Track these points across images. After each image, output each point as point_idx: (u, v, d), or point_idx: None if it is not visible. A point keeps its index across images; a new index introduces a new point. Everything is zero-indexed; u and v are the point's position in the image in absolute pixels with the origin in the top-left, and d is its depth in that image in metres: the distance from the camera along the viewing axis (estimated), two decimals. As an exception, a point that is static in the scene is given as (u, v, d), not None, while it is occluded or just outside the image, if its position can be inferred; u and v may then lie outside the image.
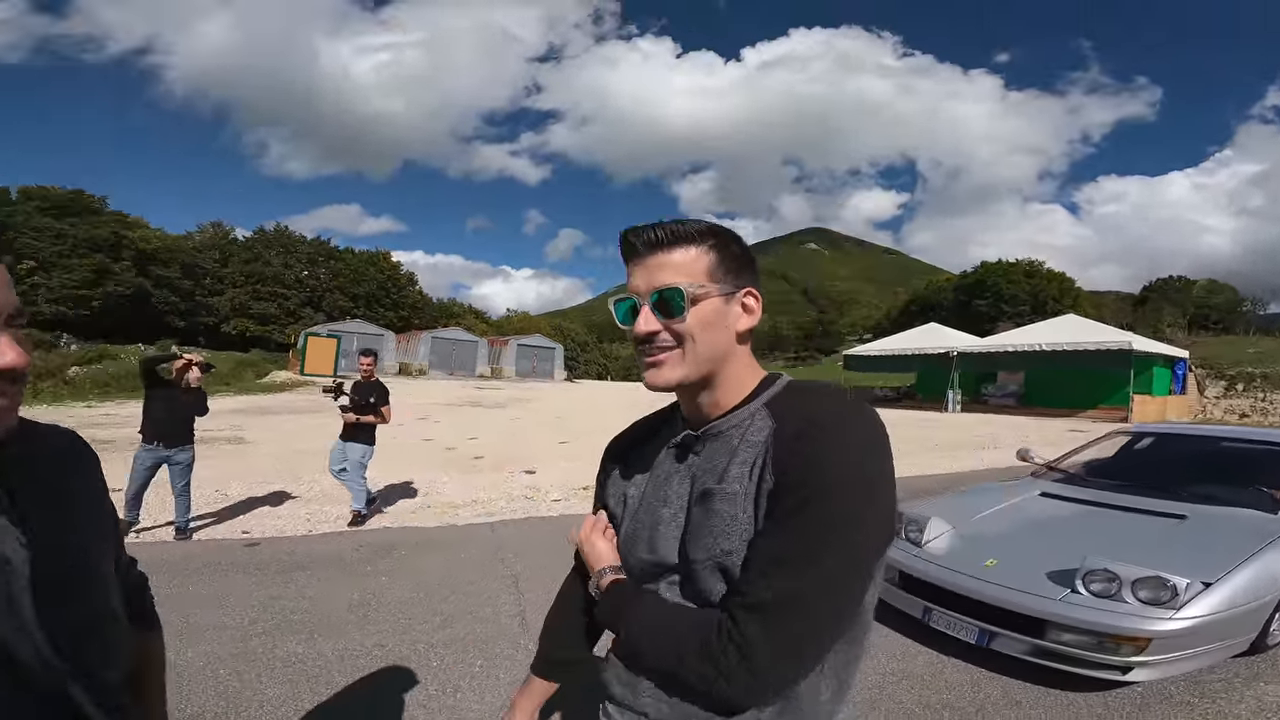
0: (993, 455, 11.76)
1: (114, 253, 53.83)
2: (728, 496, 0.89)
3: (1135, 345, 20.79)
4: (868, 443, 0.86)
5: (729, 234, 0.97)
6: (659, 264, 0.94)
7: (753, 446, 0.90)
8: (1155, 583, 2.81)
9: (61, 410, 16.66)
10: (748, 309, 0.98)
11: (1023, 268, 73.77)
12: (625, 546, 1.04)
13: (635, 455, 1.11)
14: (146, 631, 1.06)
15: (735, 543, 0.87)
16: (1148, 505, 3.80)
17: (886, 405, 28.03)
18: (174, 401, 5.62)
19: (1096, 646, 2.80)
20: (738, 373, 0.98)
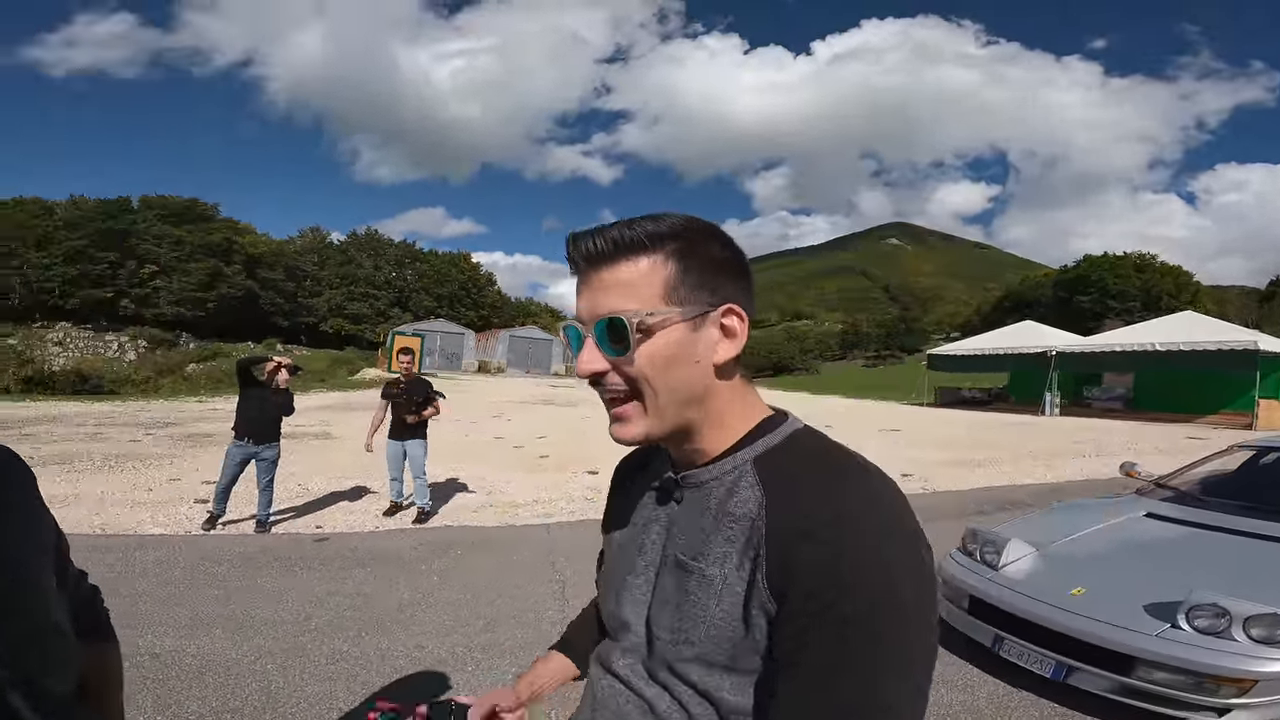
0: (1094, 464, 10.83)
1: (226, 257, 58.05)
2: (704, 581, 0.73)
3: (1262, 345, 18.75)
4: (900, 541, 0.66)
5: (701, 232, 0.75)
6: (602, 283, 0.73)
7: (737, 522, 0.72)
8: (1272, 620, 2.46)
9: (175, 404, 18.04)
10: (729, 332, 0.75)
11: (1132, 261, 68.54)
12: (602, 590, 0.95)
13: (633, 484, 0.96)
14: (99, 644, 1.04)
15: (701, 634, 0.72)
16: (1271, 530, 3.30)
17: (975, 407, 26.55)
18: (265, 401, 5.91)
19: (1193, 687, 2.48)
20: (719, 413, 0.78)
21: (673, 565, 0.79)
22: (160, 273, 54.85)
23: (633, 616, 0.83)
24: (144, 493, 7.13)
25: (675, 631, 0.75)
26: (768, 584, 0.67)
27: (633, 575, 0.85)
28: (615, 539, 0.94)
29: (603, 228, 0.73)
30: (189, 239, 55.99)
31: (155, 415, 14.93)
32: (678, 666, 0.75)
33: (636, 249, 0.72)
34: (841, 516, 0.65)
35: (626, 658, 0.84)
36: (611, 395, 0.76)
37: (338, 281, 65.65)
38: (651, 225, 0.72)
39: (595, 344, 0.74)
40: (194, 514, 6.31)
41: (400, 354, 6.75)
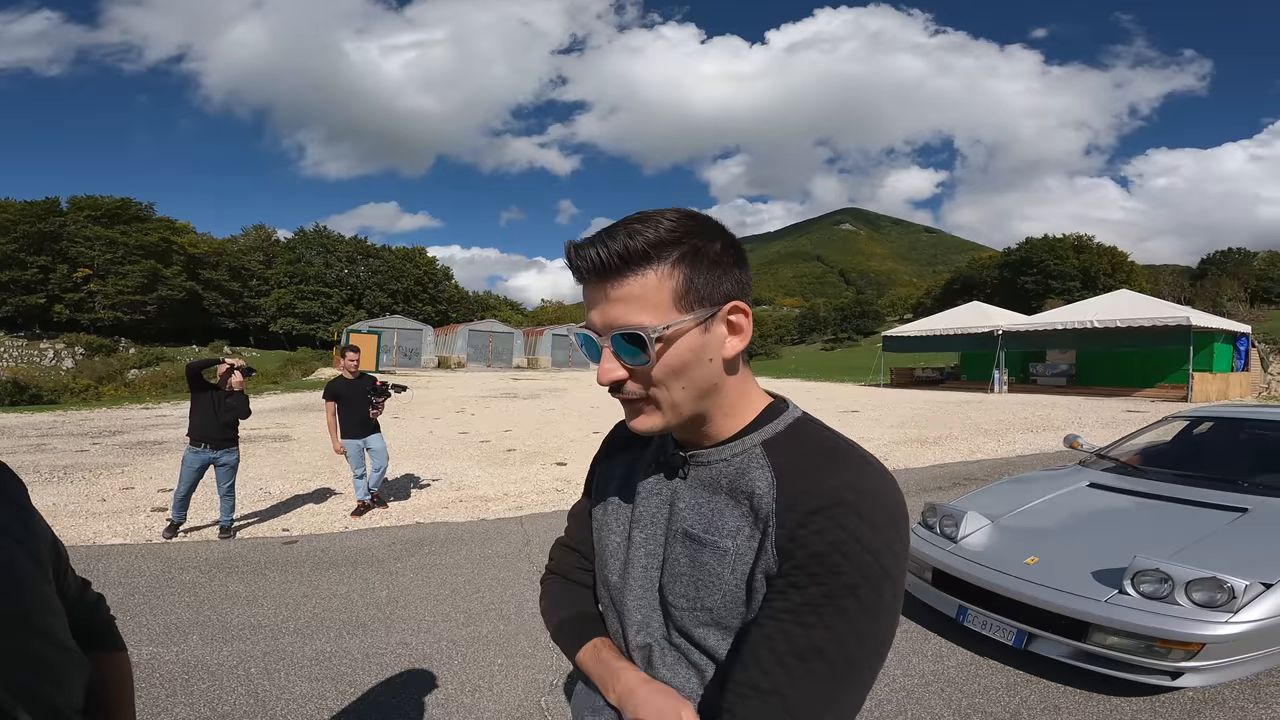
0: (1041, 438, 11.33)
1: (164, 258, 55.89)
2: (718, 552, 0.81)
3: (1194, 320, 19.77)
4: (894, 528, 0.75)
5: (703, 231, 0.78)
6: (611, 296, 0.77)
7: (748, 499, 0.80)
8: (1211, 584, 2.61)
9: (119, 412, 17.35)
10: (735, 328, 0.80)
11: (1071, 242, 71.28)
12: (599, 558, 0.98)
13: (629, 453, 1.00)
14: (109, 653, 1.03)
15: (718, 600, 0.80)
16: (1206, 497, 3.54)
17: (929, 386, 27.38)
18: (218, 404, 5.75)
19: (1144, 651, 2.63)
20: (730, 402, 0.85)
21: (682, 538, 0.84)
22: (94, 276, 52.48)
23: (645, 590, 0.89)
24: (97, 503, 6.91)
25: (692, 599, 0.82)
26: (775, 549, 0.75)
27: (633, 548, 0.90)
28: (609, 506, 0.98)
29: (605, 238, 0.76)
30: (123, 240, 53.72)
31: (100, 424, 14.36)
32: (694, 631, 0.82)
33: (642, 260, 0.75)
34: (847, 501, 0.73)
35: (641, 626, 0.89)
36: (631, 397, 0.81)
37: (286, 280, 63.84)
38: (653, 233, 0.75)
39: (614, 354, 0.79)
40: (153, 522, 6.15)
41: (347, 351, 6.68)
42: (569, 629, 0.98)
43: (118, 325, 53.62)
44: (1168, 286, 52.78)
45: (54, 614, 0.84)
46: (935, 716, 2.76)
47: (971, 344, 25.78)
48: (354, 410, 6.36)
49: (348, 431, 6.36)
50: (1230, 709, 2.73)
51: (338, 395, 6.39)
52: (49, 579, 0.86)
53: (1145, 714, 2.72)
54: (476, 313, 69.31)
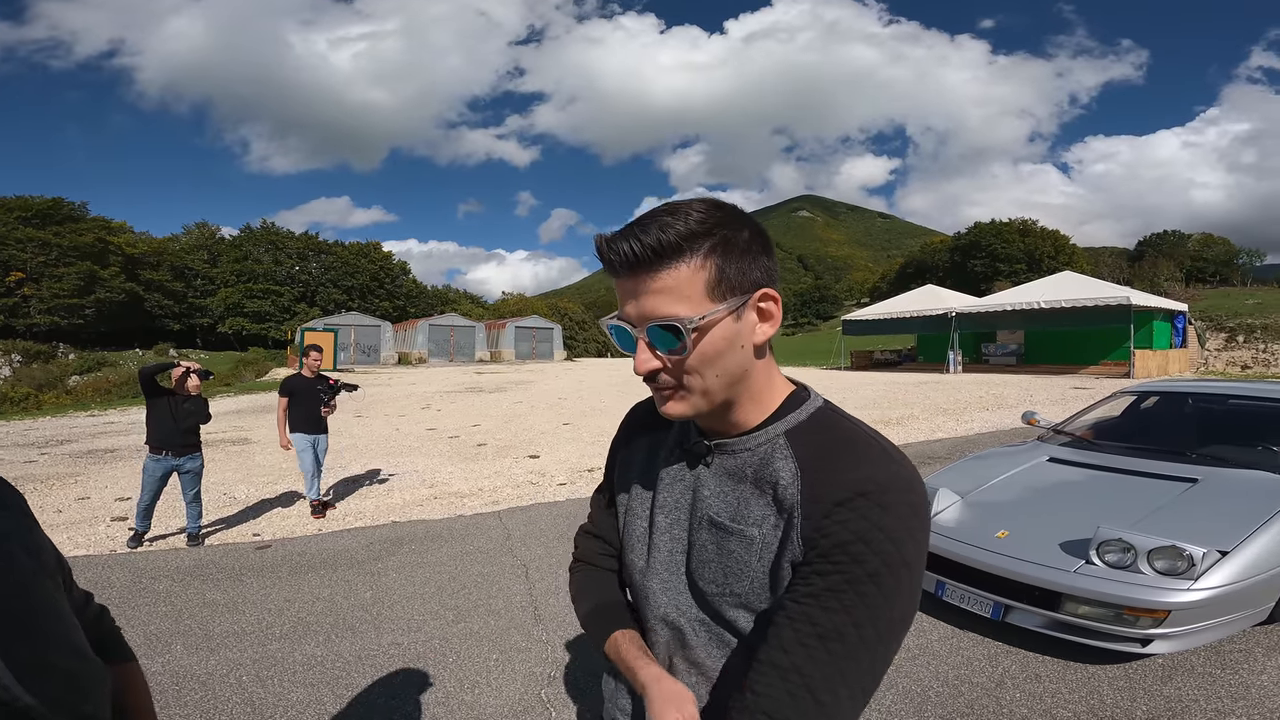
0: (998, 416, 11.77)
1: (100, 259, 53.53)
2: (745, 540, 0.84)
3: (1134, 300, 20.70)
4: (916, 517, 0.78)
5: (733, 221, 0.80)
6: (645, 289, 0.79)
7: (773, 488, 0.83)
8: (1171, 553, 2.79)
9: (64, 420, 16.63)
10: (765, 315, 0.83)
11: (1016, 227, 73.54)
12: (625, 542, 1.01)
13: (649, 436, 1.03)
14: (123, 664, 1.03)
15: (746, 586, 0.84)
16: (1158, 469, 3.76)
17: (888, 368, 28.07)
18: (176, 409, 5.59)
19: (1114, 619, 2.79)
20: (757, 389, 0.87)
21: (708, 525, 0.87)
22: (28, 280, 50.02)
23: (671, 574, 0.92)
24: (54, 514, 6.66)
25: (720, 585, 0.86)
26: (801, 538, 0.78)
27: (656, 533, 0.94)
28: (633, 492, 1.01)
29: (637, 232, 0.77)
30: (56, 242, 51.29)
31: (45, 433, 13.76)
32: (726, 614, 0.86)
33: (675, 254, 0.77)
34: (870, 493, 0.76)
35: (670, 608, 0.92)
36: (665, 385, 0.84)
37: (233, 279, 61.81)
38: (683, 225, 0.77)
39: (648, 345, 0.81)
40: (114, 532, 5.97)
41: (310, 350, 6.62)
42: (594, 620, 1.01)
43: (55, 330, 51.21)
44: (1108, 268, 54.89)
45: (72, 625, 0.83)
46: (924, 688, 2.90)
47: (927, 326, 26.52)
48: (306, 407, 6.34)
49: (299, 427, 6.33)
50: (1199, 674, 2.92)
51: (292, 391, 6.37)
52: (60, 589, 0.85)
53: (1121, 681, 2.88)
54: (436, 307, 68.26)
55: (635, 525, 0.98)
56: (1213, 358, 25.71)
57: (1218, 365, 25.02)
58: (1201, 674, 2.92)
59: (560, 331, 49.07)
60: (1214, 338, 26.91)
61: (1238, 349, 25.78)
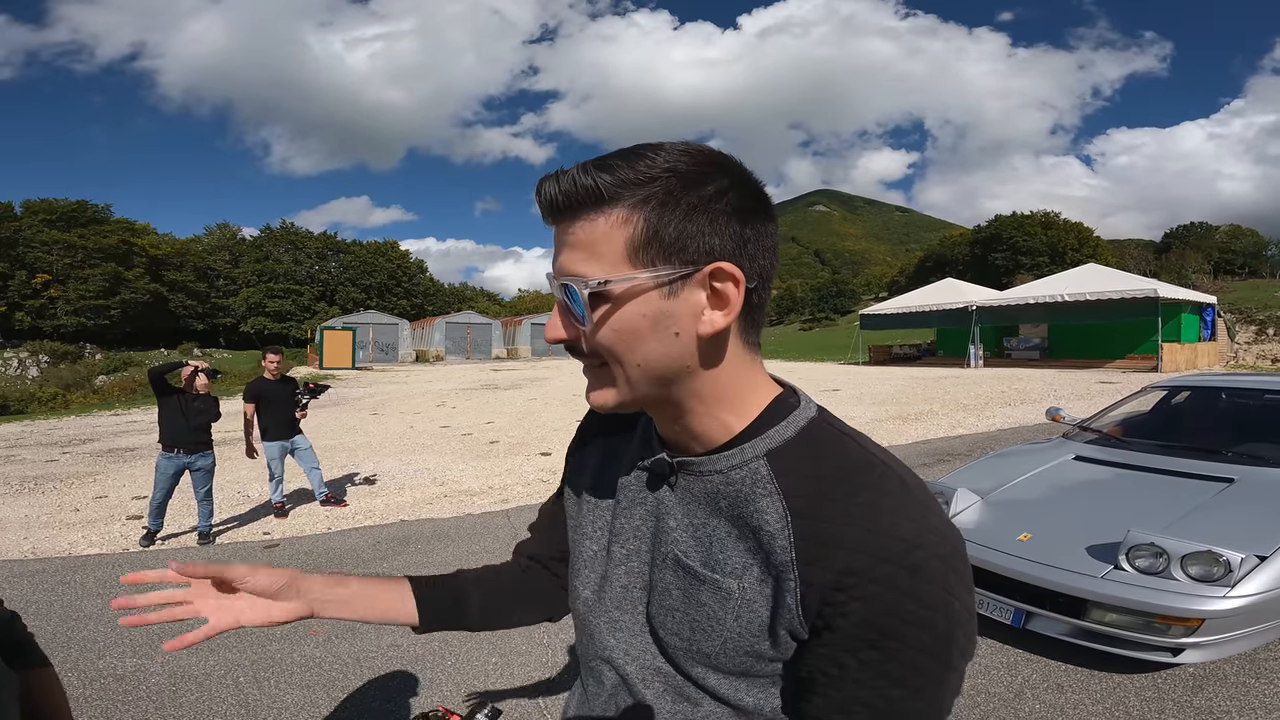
0: (1021, 411, 11.51)
1: (125, 260, 54.59)
2: (720, 592, 0.65)
3: (1161, 292, 20.20)
4: (955, 574, 0.60)
5: (689, 173, 0.60)
6: (564, 239, 0.63)
7: (757, 535, 0.64)
8: (1207, 558, 2.62)
9: (88, 420, 16.91)
10: (719, 298, 0.61)
11: (1038, 219, 72.31)
12: (571, 563, 0.83)
13: (606, 439, 0.84)
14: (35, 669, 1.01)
15: (716, 646, 0.66)
16: (1191, 468, 3.57)
17: (906, 363, 27.71)
18: (187, 408, 5.63)
19: (1144, 627, 2.63)
20: (715, 395, 0.66)
21: (673, 565, 0.70)
22: (54, 282, 51.11)
23: (623, 613, 0.75)
24: (71, 513, 6.71)
25: (686, 640, 0.68)
26: (802, 610, 0.61)
27: (611, 563, 0.76)
28: (584, 506, 0.82)
29: (563, 172, 0.62)
30: (81, 244, 52.38)
31: (69, 433, 13.97)
32: (691, 670, 0.69)
33: (593, 202, 0.60)
34: (893, 557, 0.58)
35: (621, 652, 0.75)
36: (586, 363, 0.68)
37: (254, 279, 62.79)
38: (622, 170, 0.60)
39: (561, 307, 0.66)
40: (128, 531, 5.99)
41: (268, 352, 6.58)
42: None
43: (82, 331, 52.30)
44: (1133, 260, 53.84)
45: None
46: (937, 697, 2.76)
47: (947, 320, 26.13)
48: (279, 412, 6.26)
49: (273, 434, 6.26)
50: (1232, 684, 2.76)
51: (259, 396, 6.25)
52: None
53: (1148, 691, 2.73)
54: (453, 305, 68.80)
55: (584, 548, 0.80)
56: (1243, 351, 25.06)
57: (1248, 359, 24.37)
58: (1234, 684, 2.76)
59: (577, 328, 49.09)
60: (1244, 330, 26.23)
61: (1269, 342, 25.12)
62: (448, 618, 0.92)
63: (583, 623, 0.81)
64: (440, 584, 0.93)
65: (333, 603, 0.82)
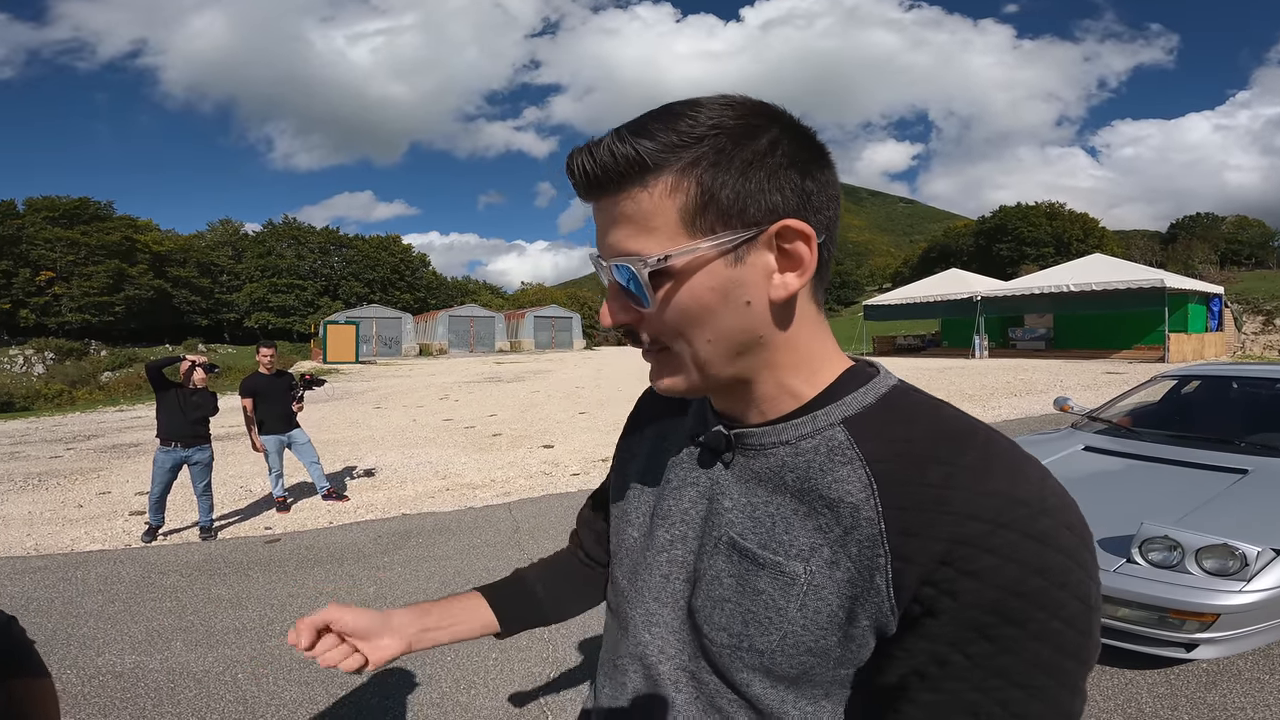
0: (1027, 402, 11.43)
1: (128, 257, 54.77)
2: (782, 578, 0.57)
3: (1168, 282, 20.05)
4: (1084, 543, 0.51)
5: (742, 122, 0.54)
6: (609, 215, 0.57)
7: (831, 508, 0.56)
8: (1223, 551, 2.55)
9: (93, 416, 16.95)
10: (791, 257, 0.55)
11: (1043, 210, 71.98)
12: (614, 551, 0.77)
13: (659, 424, 0.78)
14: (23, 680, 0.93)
15: (774, 642, 0.58)
16: (1204, 459, 3.49)
17: (911, 353, 27.59)
18: (185, 402, 5.63)
19: (1157, 622, 2.56)
20: (789, 364, 0.60)
21: (727, 549, 0.62)
22: (58, 279, 51.29)
23: (661, 605, 0.67)
24: (74, 509, 6.70)
25: (737, 635, 0.60)
26: (895, 593, 0.52)
27: (653, 549, 0.69)
28: (630, 492, 0.76)
29: (596, 143, 0.56)
30: (84, 241, 52.56)
31: (74, 429, 14.00)
32: (735, 676, 0.61)
33: (638, 171, 0.54)
34: (1014, 521, 0.49)
35: (655, 649, 0.68)
36: (648, 348, 0.61)
37: (258, 274, 62.94)
38: (662, 134, 0.54)
39: (619, 289, 0.59)
40: (131, 527, 5.98)
41: (262, 347, 6.56)
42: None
43: (86, 328, 52.46)
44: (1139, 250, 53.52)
45: None
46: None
47: (951, 310, 26.01)
48: (274, 406, 6.25)
49: (269, 428, 6.25)
50: (1246, 680, 2.71)
51: (255, 391, 6.24)
52: None
53: (1161, 687, 2.68)
54: (456, 298, 68.71)
55: (626, 534, 0.74)
56: (1250, 341, 24.89)
57: (1255, 349, 24.22)
58: (1249, 679, 2.70)
59: (579, 320, 49.08)
60: (1251, 320, 26.06)
61: (1275, 332, 24.95)
62: (526, 617, 0.90)
63: (616, 615, 0.75)
64: (508, 586, 0.91)
65: (426, 632, 0.82)
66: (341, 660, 0.75)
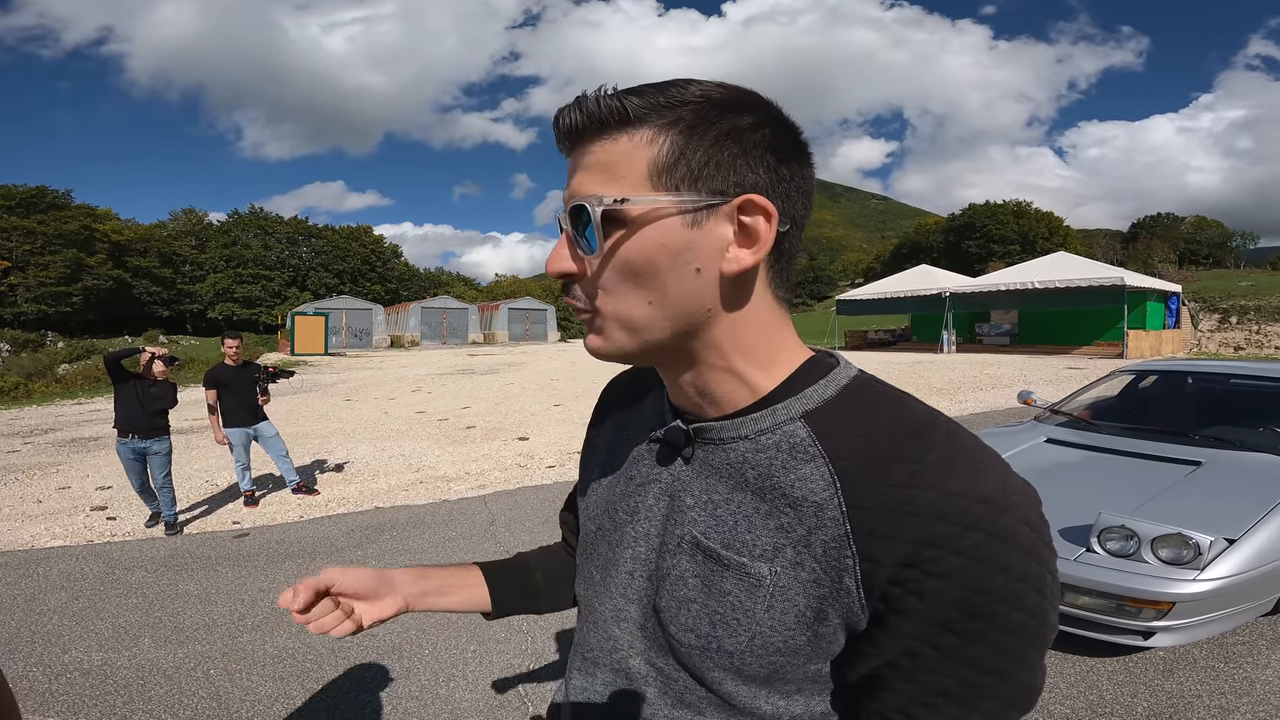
0: (993, 396, 11.70)
1: (86, 247, 53.16)
2: (748, 580, 0.57)
3: (1128, 281, 20.63)
4: (1043, 540, 0.53)
5: (721, 102, 0.55)
6: (578, 164, 0.57)
7: (794, 507, 0.55)
8: (1177, 541, 2.65)
9: (50, 409, 16.44)
10: (748, 232, 0.54)
11: (1010, 208, 73.42)
12: (583, 548, 0.76)
13: (619, 414, 0.77)
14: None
15: (743, 643, 0.58)
16: (1159, 450, 3.62)
17: (882, 348, 28.00)
18: (143, 394, 5.55)
19: (1116, 610, 2.65)
20: (741, 347, 0.58)
21: (690, 548, 0.61)
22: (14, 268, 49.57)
23: (628, 602, 0.66)
24: (33, 504, 6.52)
25: (704, 637, 0.60)
26: (864, 593, 0.52)
27: (621, 547, 0.68)
28: (595, 487, 0.75)
29: (586, 96, 0.56)
30: (41, 230, 50.87)
31: (30, 422, 13.56)
32: (705, 675, 0.61)
33: (618, 122, 0.54)
34: (977, 521, 0.50)
35: (623, 644, 0.67)
36: (580, 304, 0.59)
37: (222, 265, 61.44)
38: (653, 95, 0.54)
39: (569, 238, 0.57)
40: (92, 522, 5.84)
41: (227, 338, 6.45)
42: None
43: (43, 319, 50.82)
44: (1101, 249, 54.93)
45: None
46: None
47: (921, 306, 26.44)
48: (240, 398, 6.15)
49: (234, 420, 6.14)
50: (1202, 668, 2.82)
51: (219, 383, 6.12)
52: None
53: (1121, 674, 2.78)
54: (429, 290, 67.92)
55: (591, 528, 0.74)
56: (1206, 338, 25.73)
57: (1211, 346, 25.03)
58: (1204, 668, 2.82)
59: (554, 313, 48.84)
60: (1207, 319, 26.92)
61: (1231, 330, 25.80)
62: (518, 602, 0.91)
63: (587, 608, 0.74)
64: (508, 568, 0.92)
65: (425, 595, 0.82)
66: (335, 626, 0.74)
